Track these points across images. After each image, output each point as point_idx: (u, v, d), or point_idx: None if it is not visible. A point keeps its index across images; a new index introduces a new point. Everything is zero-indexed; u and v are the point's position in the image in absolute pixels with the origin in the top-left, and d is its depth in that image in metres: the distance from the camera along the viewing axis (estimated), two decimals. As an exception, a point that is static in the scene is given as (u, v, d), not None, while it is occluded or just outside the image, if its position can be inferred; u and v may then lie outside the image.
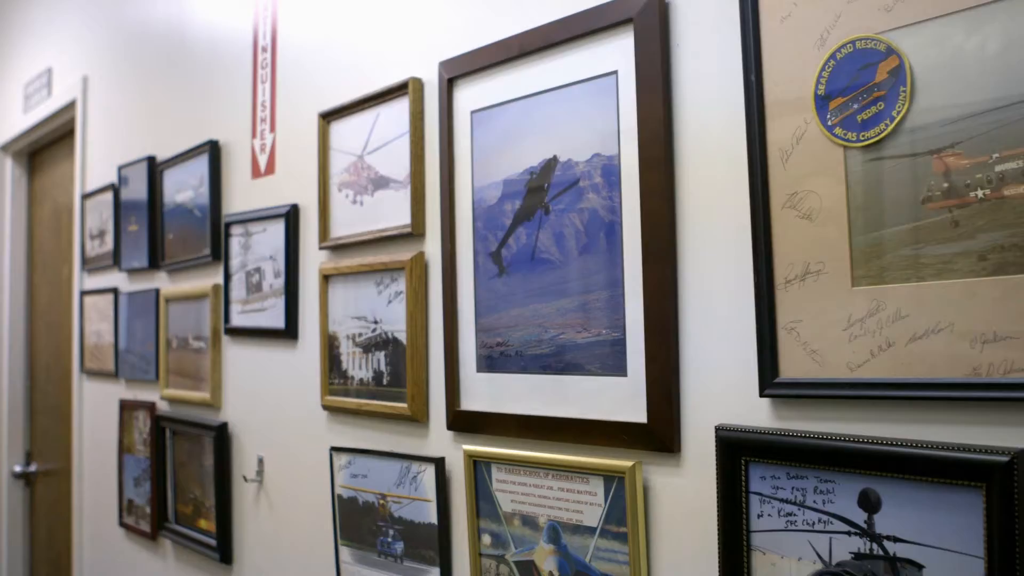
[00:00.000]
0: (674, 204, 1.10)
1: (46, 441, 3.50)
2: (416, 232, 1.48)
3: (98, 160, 2.78)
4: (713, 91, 1.06)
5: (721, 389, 1.04)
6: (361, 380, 1.59)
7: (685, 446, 1.08)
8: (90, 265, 2.78)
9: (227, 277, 2.00)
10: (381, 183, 1.56)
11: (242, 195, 2.00)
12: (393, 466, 1.49)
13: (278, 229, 1.83)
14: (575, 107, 1.22)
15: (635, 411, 1.13)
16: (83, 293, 2.83)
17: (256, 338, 1.92)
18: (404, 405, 1.48)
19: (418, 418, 1.46)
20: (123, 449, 2.51)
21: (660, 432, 1.10)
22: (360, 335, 1.60)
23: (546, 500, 1.23)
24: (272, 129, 1.90)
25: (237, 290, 1.97)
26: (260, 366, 1.91)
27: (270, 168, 1.90)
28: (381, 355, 1.54)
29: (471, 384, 1.37)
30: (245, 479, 1.90)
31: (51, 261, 3.45)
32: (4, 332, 3.63)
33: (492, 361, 1.33)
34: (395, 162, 1.53)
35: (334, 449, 1.62)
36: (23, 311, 3.66)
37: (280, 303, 1.82)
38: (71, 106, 2.96)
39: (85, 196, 2.81)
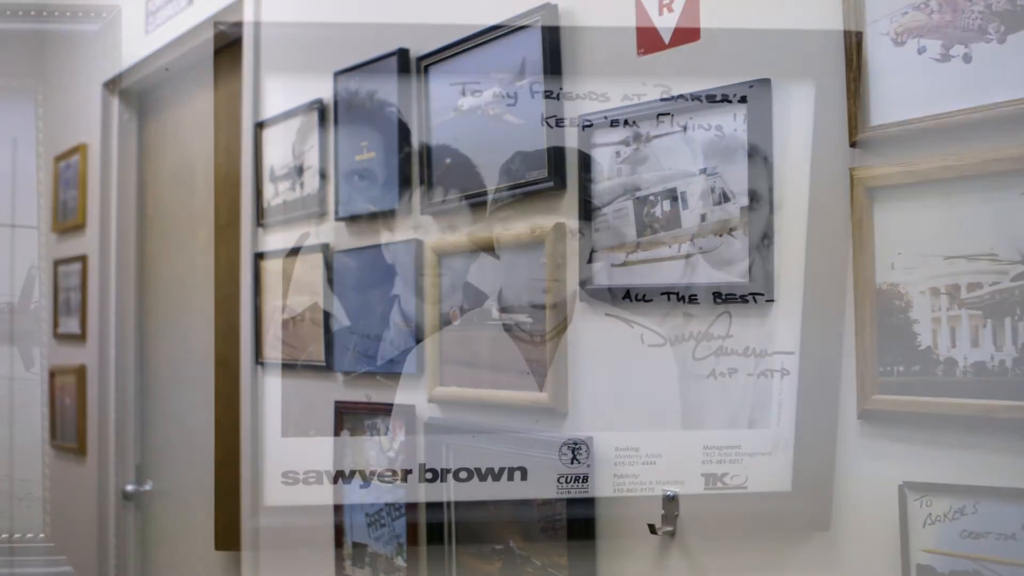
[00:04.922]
0: None
1: (167, 454, 2.88)
2: None
3: (281, 75, 2.16)
4: None
5: None
6: (983, 366, 0.95)
7: None
8: (271, 218, 2.16)
9: (589, 211, 1.36)
10: (1029, 12, 0.93)
11: (612, 83, 1.36)
12: (1112, 524, 0.85)
13: (720, 122, 1.19)
14: None
15: None
16: (258, 256, 2.21)
17: (651, 306, 1.29)
18: None
19: None
20: (341, 474, 1.88)
21: None
22: (979, 286, 0.96)
23: None
24: (689, -30, 1.26)
25: (611, 230, 1.33)
26: (660, 346, 1.28)
27: (686, 34, 1.26)
28: (1051, 320, 0.90)
29: None
30: (654, 530, 1.25)
31: (176, 224, 2.83)
32: (111, 320, 3.02)
33: None
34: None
35: (909, 487, 0.98)
36: (133, 291, 3.05)
37: (732, 244, 1.18)
38: (234, 7, 2.33)
39: (260, 125, 2.19)
